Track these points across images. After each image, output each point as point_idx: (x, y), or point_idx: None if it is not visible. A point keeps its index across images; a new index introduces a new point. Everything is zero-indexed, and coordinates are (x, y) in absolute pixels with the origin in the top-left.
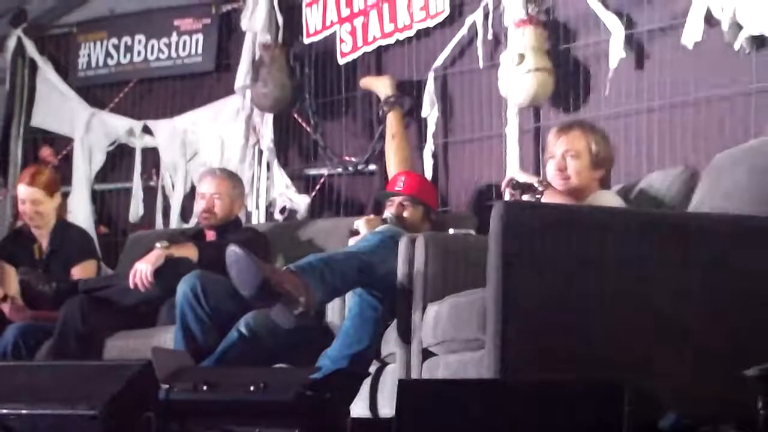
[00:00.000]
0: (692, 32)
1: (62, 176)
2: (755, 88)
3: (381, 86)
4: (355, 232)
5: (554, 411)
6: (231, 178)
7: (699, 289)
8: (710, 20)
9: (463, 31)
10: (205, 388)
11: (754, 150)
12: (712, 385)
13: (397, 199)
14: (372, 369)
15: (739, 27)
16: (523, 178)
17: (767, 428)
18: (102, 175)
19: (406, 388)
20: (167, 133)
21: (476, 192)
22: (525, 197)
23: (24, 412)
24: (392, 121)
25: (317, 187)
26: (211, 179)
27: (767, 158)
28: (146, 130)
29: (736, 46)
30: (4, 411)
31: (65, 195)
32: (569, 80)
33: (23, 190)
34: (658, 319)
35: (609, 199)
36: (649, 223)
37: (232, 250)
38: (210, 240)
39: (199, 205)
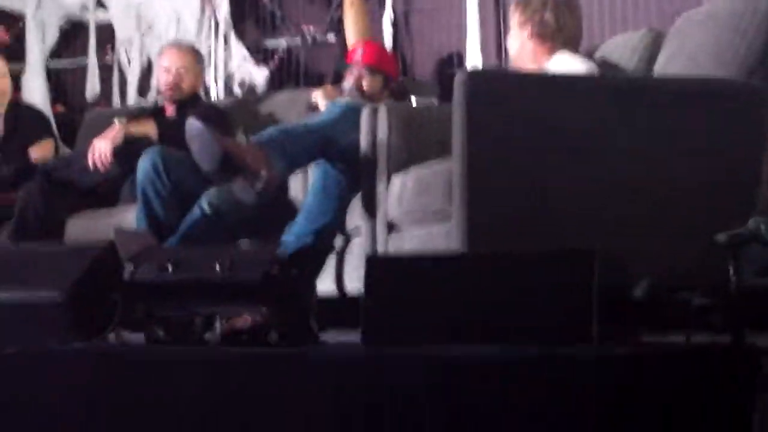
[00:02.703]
0: None
1: (15, 55)
2: None
3: None
4: (315, 106)
5: (524, 282)
6: (196, 52)
7: (667, 154)
8: None
9: None
10: (170, 268)
11: (718, 12)
12: (685, 251)
13: (356, 70)
14: (337, 243)
15: None
16: None
17: (738, 293)
18: (56, 53)
19: (374, 264)
20: (121, 7)
21: (439, 60)
22: None
23: None
24: None
25: (276, 59)
26: (177, 52)
27: (732, 20)
28: (100, 4)
29: None
30: None
31: (19, 74)
32: None
33: None
34: (627, 186)
35: (568, 62)
36: (613, 88)
37: (192, 124)
38: (170, 116)
39: (163, 79)
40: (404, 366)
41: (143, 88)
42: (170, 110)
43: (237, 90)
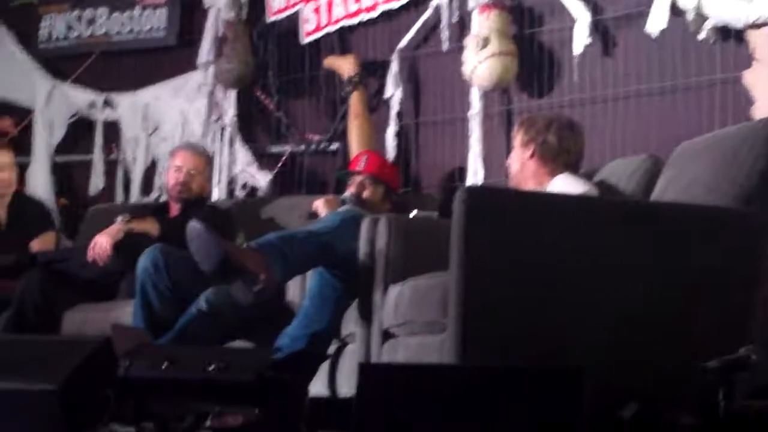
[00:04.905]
0: (657, 21)
1: (22, 147)
2: (719, 79)
3: (345, 66)
4: (315, 214)
5: (514, 397)
6: (207, 156)
7: (661, 278)
8: (675, 9)
9: (428, 13)
10: (164, 366)
11: (717, 141)
12: (676, 374)
13: (358, 179)
14: (332, 349)
15: (704, 17)
16: None
17: (727, 418)
18: (63, 147)
19: (367, 371)
20: (129, 107)
21: (442, 174)
22: None
23: None
24: (355, 101)
25: (279, 164)
26: (191, 154)
27: (729, 150)
28: (108, 103)
29: (701, 36)
30: None
31: (25, 166)
32: (535, 65)
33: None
34: (620, 308)
35: (568, 184)
36: (611, 211)
37: (193, 226)
38: (172, 215)
39: (173, 178)
40: None
41: (146, 186)
42: (175, 209)
43: (240, 193)
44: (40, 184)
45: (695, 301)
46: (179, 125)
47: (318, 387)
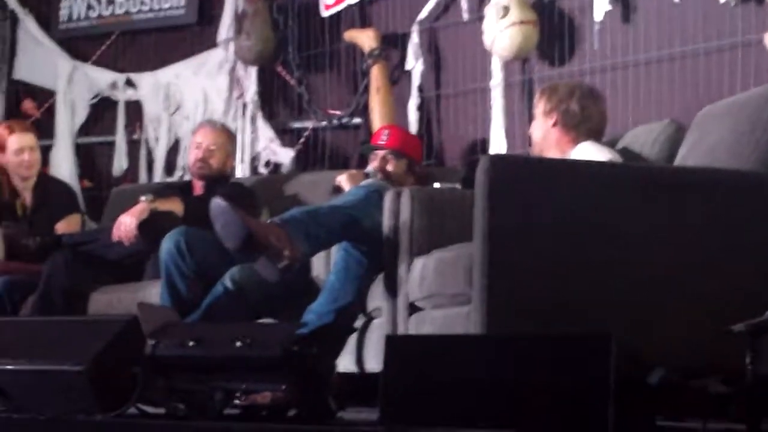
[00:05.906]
0: None
1: (44, 130)
2: (741, 42)
3: (365, 39)
4: (339, 188)
5: (541, 365)
6: (228, 132)
7: (686, 243)
8: None
9: None
10: (191, 343)
11: (739, 104)
12: (701, 339)
13: (381, 153)
14: (358, 323)
15: None
16: None
17: (755, 382)
18: (85, 129)
19: (394, 343)
20: (150, 86)
21: (464, 146)
22: None
23: (9, 367)
24: (376, 75)
25: (302, 140)
26: (210, 130)
27: (752, 113)
28: (129, 83)
29: None
30: None
31: (48, 148)
32: (555, 33)
33: (22, 139)
34: (645, 273)
35: (591, 151)
36: (635, 177)
37: (217, 203)
38: (196, 194)
39: (193, 155)
40: None
41: (170, 165)
42: (198, 188)
43: (263, 170)
44: (63, 166)
45: (720, 265)
46: (201, 103)
47: (345, 362)
